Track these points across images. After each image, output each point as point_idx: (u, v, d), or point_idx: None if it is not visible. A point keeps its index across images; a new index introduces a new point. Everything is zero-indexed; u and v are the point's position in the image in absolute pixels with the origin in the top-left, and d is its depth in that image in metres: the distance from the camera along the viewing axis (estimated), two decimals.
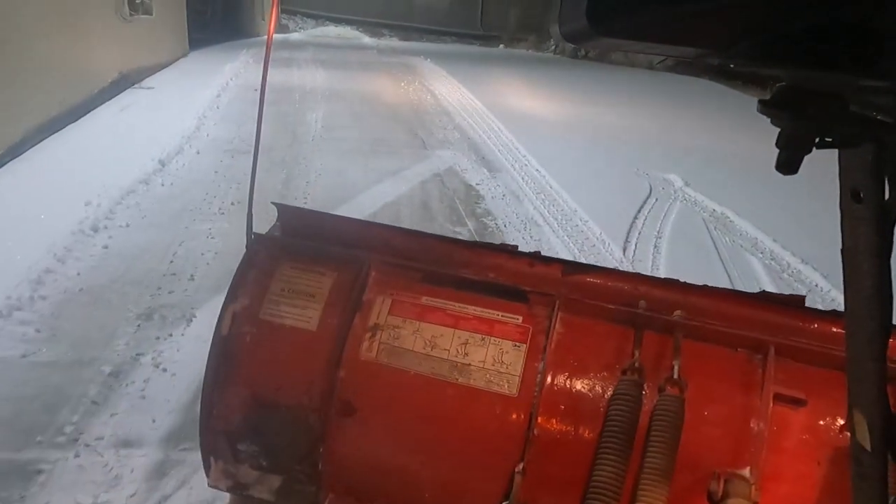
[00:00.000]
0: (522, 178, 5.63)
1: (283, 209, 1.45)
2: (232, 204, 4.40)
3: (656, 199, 5.40)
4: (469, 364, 1.20)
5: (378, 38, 26.25)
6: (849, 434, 0.70)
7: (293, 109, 7.36)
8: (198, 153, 5.46)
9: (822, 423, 1.11)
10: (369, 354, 1.23)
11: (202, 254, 3.62)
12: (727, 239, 4.73)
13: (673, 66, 17.38)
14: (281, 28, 26.59)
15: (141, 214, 4.09)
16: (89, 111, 6.28)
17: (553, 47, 22.01)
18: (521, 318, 1.23)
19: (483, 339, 1.22)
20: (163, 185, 4.65)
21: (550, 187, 5.44)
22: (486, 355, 1.21)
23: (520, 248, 1.38)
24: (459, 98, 8.89)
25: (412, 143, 6.53)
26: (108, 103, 6.72)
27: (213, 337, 1.28)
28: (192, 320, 2.94)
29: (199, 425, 1.28)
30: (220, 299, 1.30)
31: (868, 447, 0.66)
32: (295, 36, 23.22)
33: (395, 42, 23.97)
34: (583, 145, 6.87)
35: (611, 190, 5.56)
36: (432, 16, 27.12)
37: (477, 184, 5.41)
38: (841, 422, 1.09)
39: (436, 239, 1.42)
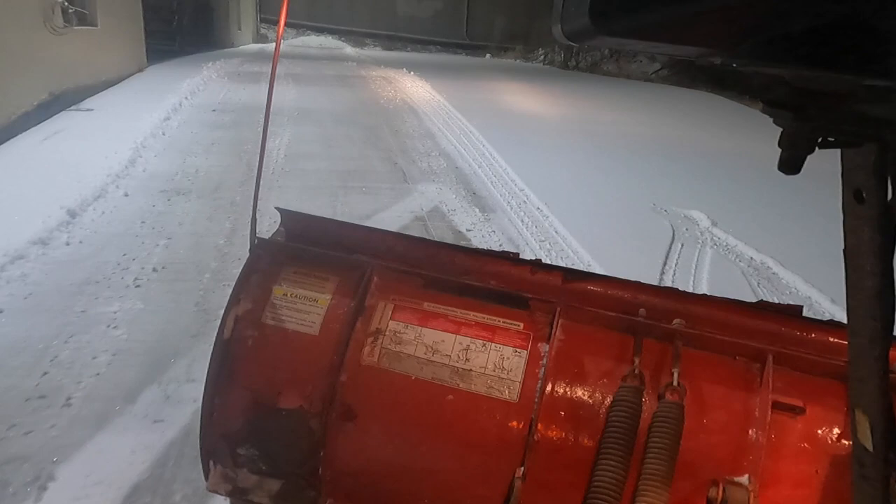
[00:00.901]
0: (522, 221, 4.69)
1: (286, 214, 1.47)
2: (154, 270, 3.41)
3: (682, 245, 4.49)
4: (470, 370, 1.22)
5: (361, 47, 25.48)
6: (848, 439, 0.73)
7: (254, 134, 6.38)
8: (126, 195, 4.47)
9: (820, 431, 1.11)
10: (371, 359, 1.24)
11: (94, 357, 2.63)
12: (776, 300, 3.81)
13: (667, 77, 16.62)
14: (259, 38, 25.61)
15: (24, 292, 3.09)
16: (4, 141, 5.27)
17: (542, 57, 21.22)
18: (522, 325, 1.25)
19: (484, 345, 1.23)
20: (68, 243, 3.64)
21: (556, 232, 4.50)
22: (487, 361, 1.22)
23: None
24: (445, 118, 7.96)
25: (391, 176, 5.58)
26: (31, 130, 5.71)
27: (215, 340, 1.27)
28: (45, 489, 1.95)
29: (199, 430, 1.27)
30: (105, 441, 1.35)
31: (870, 447, 0.65)
32: (273, 46, 22.29)
33: (378, 52, 23.14)
34: (587, 174, 5.95)
35: (627, 233, 4.64)
36: (416, 25, 26.47)
37: (468, 229, 4.46)
38: (838, 430, 1.10)
39: (438, 245, 1.43)
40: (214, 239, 3.87)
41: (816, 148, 0.55)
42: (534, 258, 1.42)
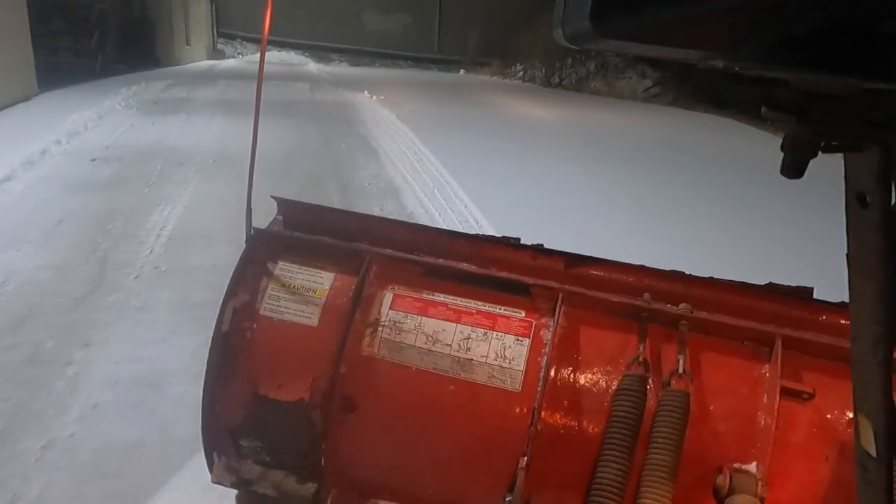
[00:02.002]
0: None
1: (282, 203, 1.44)
2: None
3: None
4: (471, 359, 1.21)
5: (326, 63, 23.76)
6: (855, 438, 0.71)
7: (136, 201, 4.41)
8: None
9: (829, 417, 1.09)
10: (371, 350, 1.24)
11: None
12: None
13: (659, 95, 15.06)
14: (214, 54, 23.56)
15: None
16: None
17: (521, 73, 19.55)
18: (523, 313, 1.24)
19: (485, 333, 1.22)
20: None
21: None
22: (488, 350, 1.21)
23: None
24: (414, 162, 6.07)
25: None
26: None
27: (214, 333, 1.27)
28: None
29: (201, 423, 1.27)
30: None
31: (873, 453, 0.65)
32: (228, 63, 20.23)
33: (343, 68, 21.38)
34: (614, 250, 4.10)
35: None
36: (385, 39, 24.98)
37: None
38: (849, 415, 1.05)
39: (437, 232, 1.42)
40: None
41: (819, 152, 0.55)
42: (535, 243, 1.38)
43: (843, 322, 1.14)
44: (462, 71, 22.90)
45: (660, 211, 5.05)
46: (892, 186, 0.56)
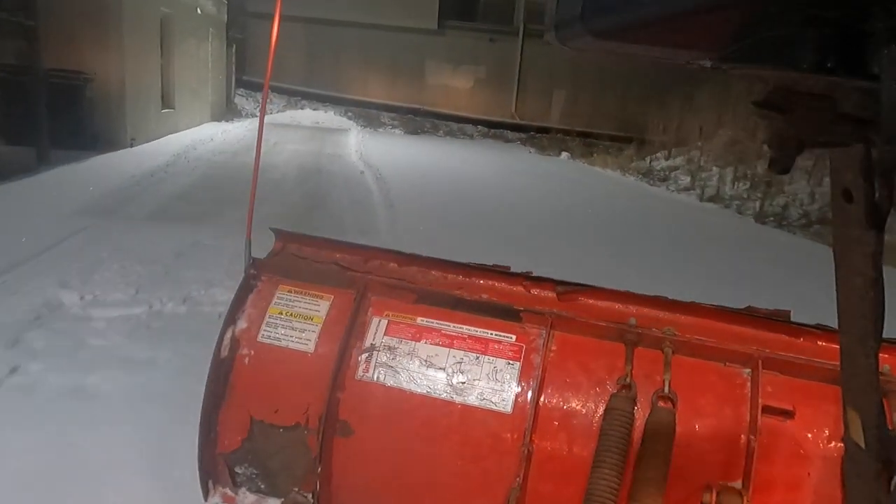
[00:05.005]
0: None
1: (280, 234, 1.47)
2: None
3: None
4: (464, 382, 1.24)
5: (374, 129, 17.26)
6: (838, 440, 0.67)
7: None
8: None
9: (810, 434, 1.13)
10: (366, 375, 1.27)
11: None
12: None
13: None
14: (228, 112, 16.94)
15: None
16: None
17: (683, 175, 12.09)
18: (514, 337, 1.28)
19: (477, 357, 1.26)
20: None
21: None
22: (480, 374, 1.24)
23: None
24: None
25: None
26: None
27: (212, 359, 1.30)
28: None
29: (197, 450, 1.28)
30: None
31: (862, 445, 0.65)
32: (228, 134, 13.06)
33: (396, 143, 14.63)
34: None
35: None
36: (451, 97, 18.64)
37: None
38: (828, 432, 1.11)
39: (431, 261, 1.43)
40: None
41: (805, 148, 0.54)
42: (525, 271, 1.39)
43: (820, 343, 1.20)
44: (565, 155, 15.85)
45: None
46: (877, 181, 0.56)
